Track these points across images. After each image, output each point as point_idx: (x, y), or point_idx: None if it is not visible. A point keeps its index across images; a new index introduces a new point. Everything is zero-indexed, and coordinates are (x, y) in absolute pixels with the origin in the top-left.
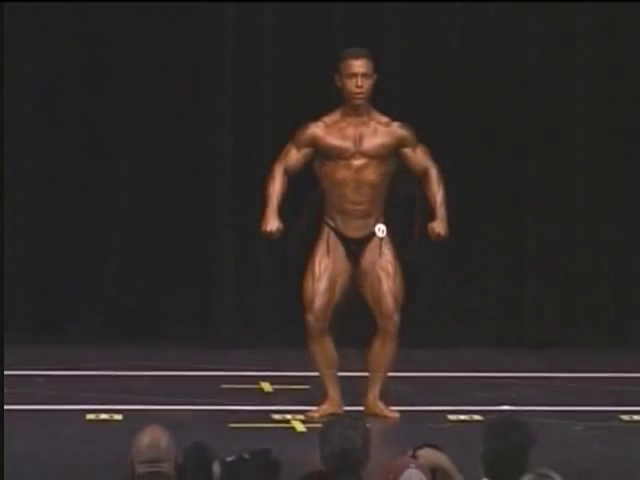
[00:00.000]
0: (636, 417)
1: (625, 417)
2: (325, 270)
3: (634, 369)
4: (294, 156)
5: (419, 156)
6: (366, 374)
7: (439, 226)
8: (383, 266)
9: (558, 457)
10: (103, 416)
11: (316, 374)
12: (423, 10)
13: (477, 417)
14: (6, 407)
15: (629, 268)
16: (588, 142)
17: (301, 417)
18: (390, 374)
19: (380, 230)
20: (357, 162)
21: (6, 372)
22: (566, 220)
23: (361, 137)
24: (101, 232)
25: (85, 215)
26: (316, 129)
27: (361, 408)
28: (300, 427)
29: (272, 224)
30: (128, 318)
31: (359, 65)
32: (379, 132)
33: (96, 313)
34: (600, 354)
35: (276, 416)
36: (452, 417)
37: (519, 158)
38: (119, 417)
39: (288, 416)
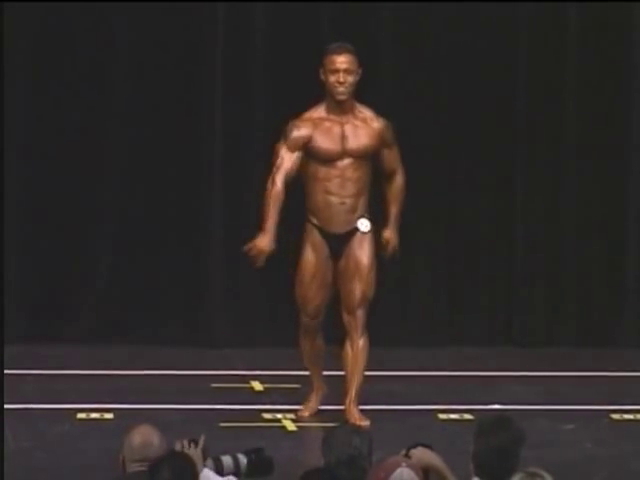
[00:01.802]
0: (627, 416)
1: (616, 416)
2: (315, 270)
3: (625, 368)
4: (290, 161)
5: (392, 157)
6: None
7: (392, 238)
8: (360, 261)
9: (549, 456)
10: (94, 415)
11: (307, 373)
12: (412, 10)
13: (468, 416)
14: None
15: (616, 268)
16: (576, 146)
17: (292, 416)
18: (381, 373)
19: (363, 225)
20: (342, 162)
21: None
22: (554, 221)
23: (346, 137)
24: (91, 232)
25: (75, 215)
26: (306, 130)
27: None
28: (291, 426)
29: (266, 244)
30: (118, 317)
31: (342, 61)
32: (363, 131)
33: (86, 312)
34: (591, 353)
35: (267, 415)
36: (443, 416)
37: (508, 160)
38: (110, 416)
39: (279, 415)
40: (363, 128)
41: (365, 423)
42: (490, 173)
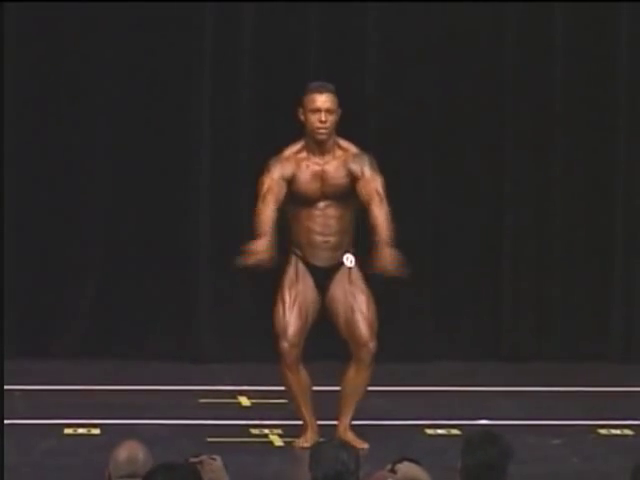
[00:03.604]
0: (614, 431)
1: (603, 431)
2: (296, 298)
3: (611, 383)
4: (278, 186)
5: (367, 189)
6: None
7: (387, 257)
8: (355, 295)
9: (536, 471)
10: (81, 430)
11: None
12: (400, 18)
13: (455, 431)
14: None
15: (602, 284)
16: (563, 160)
17: (279, 431)
18: (367, 388)
19: (348, 260)
20: (323, 203)
21: None
22: (540, 236)
23: (324, 180)
24: (80, 248)
25: (65, 230)
26: (290, 168)
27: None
28: (278, 441)
29: (262, 246)
30: (105, 333)
31: (323, 100)
32: (340, 172)
33: (73, 328)
34: (577, 368)
35: (254, 430)
36: (430, 431)
37: (496, 174)
38: (97, 431)
39: (266, 430)
40: (339, 168)
41: (364, 446)
42: (476, 188)
